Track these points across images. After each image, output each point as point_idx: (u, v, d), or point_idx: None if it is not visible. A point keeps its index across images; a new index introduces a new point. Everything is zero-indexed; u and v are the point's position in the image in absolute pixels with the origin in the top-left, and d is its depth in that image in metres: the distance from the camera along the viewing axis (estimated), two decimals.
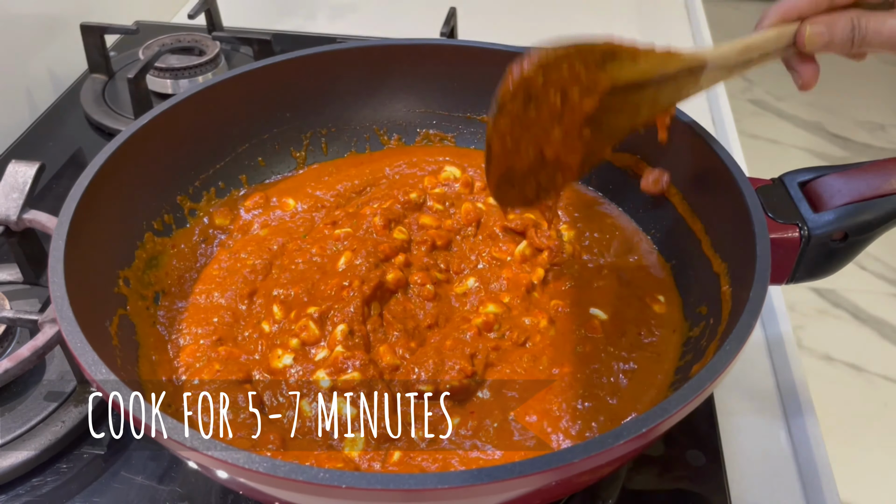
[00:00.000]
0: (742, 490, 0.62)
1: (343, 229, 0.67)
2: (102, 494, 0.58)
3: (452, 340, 0.58)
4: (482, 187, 0.73)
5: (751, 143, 2.50)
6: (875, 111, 2.70)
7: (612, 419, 0.53)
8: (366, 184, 0.74)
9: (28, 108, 1.03)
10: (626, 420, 0.42)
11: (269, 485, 0.40)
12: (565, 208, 0.71)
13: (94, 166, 0.57)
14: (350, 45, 0.75)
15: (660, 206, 0.68)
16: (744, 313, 0.47)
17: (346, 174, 0.75)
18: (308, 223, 0.70)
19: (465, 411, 0.54)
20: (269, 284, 0.63)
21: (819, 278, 0.58)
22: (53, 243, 0.51)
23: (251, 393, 0.54)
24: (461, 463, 0.51)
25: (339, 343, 0.57)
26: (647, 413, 0.41)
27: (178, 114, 0.66)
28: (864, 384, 1.79)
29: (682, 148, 0.63)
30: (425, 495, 0.38)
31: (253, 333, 0.60)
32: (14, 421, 0.60)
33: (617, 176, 0.72)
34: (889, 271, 2.08)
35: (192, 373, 0.57)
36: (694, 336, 0.58)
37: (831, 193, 0.56)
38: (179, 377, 0.57)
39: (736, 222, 0.55)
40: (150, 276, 0.63)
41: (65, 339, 0.46)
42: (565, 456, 0.39)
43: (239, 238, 0.69)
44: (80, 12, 1.09)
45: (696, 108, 1.09)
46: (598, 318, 0.61)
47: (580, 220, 0.70)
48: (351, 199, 0.73)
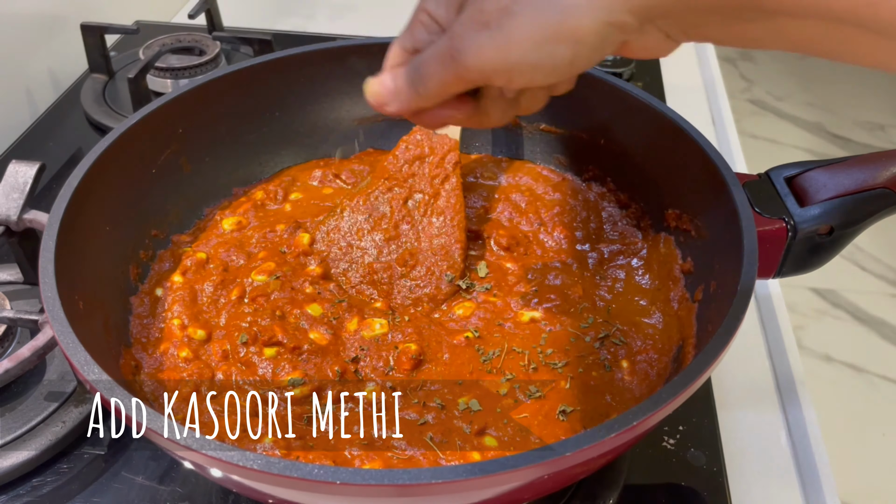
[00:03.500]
0: (742, 490, 0.62)
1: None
2: (103, 494, 0.58)
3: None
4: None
5: (750, 142, 2.50)
6: (875, 111, 2.70)
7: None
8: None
9: (28, 108, 1.03)
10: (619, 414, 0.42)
11: (263, 482, 0.40)
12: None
13: (83, 166, 0.57)
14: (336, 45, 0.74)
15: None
16: (732, 307, 0.47)
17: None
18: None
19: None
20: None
21: (805, 272, 0.58)
22: (44, 243, 0.51)
23: (252, 393, 0.54)
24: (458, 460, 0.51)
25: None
26: (639, 406, 0.41)
27: (172, 111, 0.66)
28: (864, 384, 1.79)
29: (669, 144, 0.63)
30: (419, 490, 0.38)
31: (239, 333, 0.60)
32: (14, 421, 0.60)
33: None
34: (889, 271, 2.08)
35: (178, 371, 0.57)
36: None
37: (817, 188, 0.56)
38: (173, 376, 0.57)
39: (723, 217, 0.56)
40: (147, 271, 0.63)
41: (57, 340, 0.46)
42: (558, 450, 0.39)
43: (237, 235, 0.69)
44: (81, 12, 1.09)
45: (695, 108, 1.10)
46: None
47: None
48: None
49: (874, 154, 0.57)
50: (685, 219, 0.63)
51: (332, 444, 0.52)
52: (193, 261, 0.65)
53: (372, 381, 0.56)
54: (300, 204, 0.73)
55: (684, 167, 0.62)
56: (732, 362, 0.72)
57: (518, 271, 0.65)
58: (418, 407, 0.55)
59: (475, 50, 0.38)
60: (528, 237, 0.69)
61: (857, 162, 0.57)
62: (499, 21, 0.37)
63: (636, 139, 0.68)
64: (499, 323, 0.61)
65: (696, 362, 0.44)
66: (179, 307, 0.61)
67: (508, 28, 0.37)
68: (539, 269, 0.65)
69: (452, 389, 0.55)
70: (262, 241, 0.68)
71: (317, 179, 0.75)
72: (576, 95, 0.70)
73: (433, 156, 0.68)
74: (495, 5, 0.37)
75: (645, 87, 1.07)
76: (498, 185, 0.74)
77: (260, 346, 0.58)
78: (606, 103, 0.69)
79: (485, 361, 0.58)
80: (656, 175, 0.67)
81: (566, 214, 0.71)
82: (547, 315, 0.61)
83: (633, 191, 0.70)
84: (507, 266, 0.66)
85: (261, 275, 0.63)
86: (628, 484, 0.60)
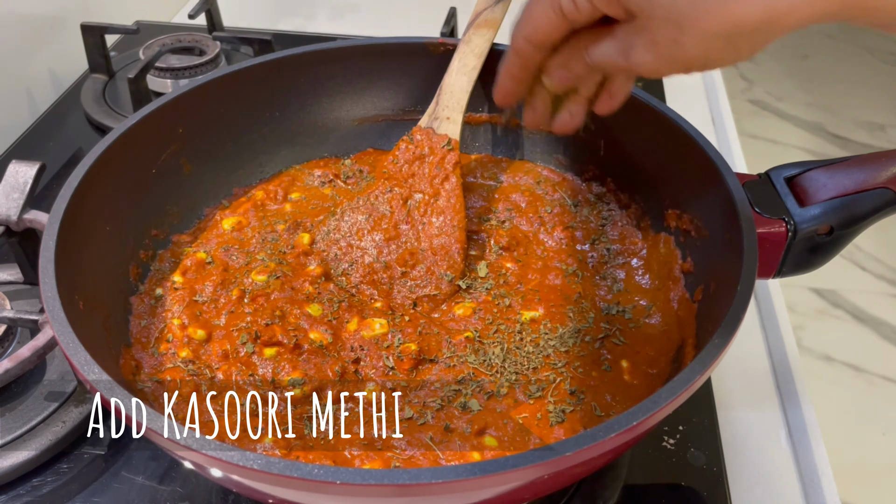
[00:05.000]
0: (742, 490, 0.62)
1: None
2: (103, 494, 0.58)
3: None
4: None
5: (750, 143, 2.50)
6: (875, 111, 2.70)
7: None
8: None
9: (28, 108, 1.03)
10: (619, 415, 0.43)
11: (263, 482, 0.40)
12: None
13: (83, 166, 0.57)
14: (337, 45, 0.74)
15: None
16: (732, 306, 0.47)
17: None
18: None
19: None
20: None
21: (805, 272, 0.58)
22: (44, 243, 0.51)
23: (252, 393, 0.54)
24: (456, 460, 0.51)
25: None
26: (639, 406, 0.41)
27: (172, 111, 0.66)
28: (864, 384, 1.79)
29: (669, 144, 0.63)
30: (419, 490, 0.38)
31: (238, 333, 0.60)
32: (14, 421, 0.60)
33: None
34: (889, 271, 2.08)
35: (178, 371, 0.57)
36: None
37: (817, 188, 0.56)
38: (173, 376, 0.57)
39: (723, 217, 0.56)
40: (147, 271, 0.63)
41: (57, 340, 0.46)
42: (558, 450, 0.39)
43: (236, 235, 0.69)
44: (81, 12, 1.09)
45: (695, 109, 1.10)
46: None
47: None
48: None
49: (874, 154, 0.57)
50: (685, 219, 0.63)
51: (332, 444, 0.52)
52: (193, 261, 0.65)
53: (372, 381, 0.56)
54: (300, 204, 0.73)
55: (684, 167, 0.62)
56: (732, 362, 0.72)
57: (518, 271, 0.65)
58: (418, 407, 0.55)
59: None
60: (528, 237, 0.69)
61: (857, 162, 0.57)
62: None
63: (636, 139, 0.68)
64: (499, 323, 0.61)
65: (696, 362, 0.44)
66: (179, 307, 0.61)
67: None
68: (539, 268, 0.65)
69: (452, 389, 0.56)
70: (262, 242, 0.68)
71: (317, 179, 0.75)
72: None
73: (433, 156, 0.67)
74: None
75: (645, 87, 1.07)
76: (498, 186, 0.74)
77: (260, 347, 0.58)
78: None
79: (485, 361, 0.58)
80: (656, 175, 0.67)
81: (566, 214, 0.71)
82: (547, 315, 0.61)
83: (633, 191, 0.70)
84: (507, 266, 0.66)
85: (261, 275, 0.63)
86: (628, 484, 0.60)
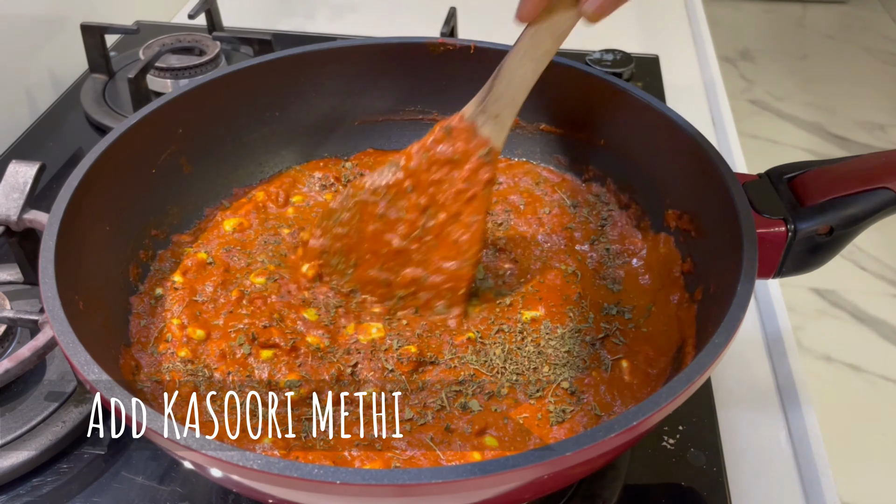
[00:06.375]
0: (742, 490, 0.62)
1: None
2: (103, 494, 0.58)
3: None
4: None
5: (750, 143, 2.50)
6: (875, 111, 2.70)
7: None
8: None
9: (28, 108, 1.03)
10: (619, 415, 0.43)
11: (263, 482, 0.40)
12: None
13: (83, 166, 0.57)
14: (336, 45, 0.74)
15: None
16: (731, 307, 0.47)
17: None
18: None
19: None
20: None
21: (805, 272, 0.58)
22: (44, 243, 0.51)
23: (252, 393, 0.54)
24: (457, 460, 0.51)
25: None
26: (639, 406, 0.41)
27: (172, 111, 0.66)
28: (864, 384, 1.78)
29: (669, 144, 0.63)
30: (419, 490, 0.38)
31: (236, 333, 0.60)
32: (14, 421, 0.60)
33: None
34: (889, 271, 2.08)
35: (178, 371, 0.57)
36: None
37: (817, 188, 0.56)
38: (173, 376, 0.57)
39: (723, 217, 0.56)
40: (147, 271, 0.63)
41: (57, 340, 0.46)
42: (558, 450, 0.39)
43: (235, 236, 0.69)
44: (80, 12, 1.09)
45: (695, 109, 1.10)
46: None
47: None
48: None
49: (874, 154, 0.57)
50: (685, 219, 0.63)
51: (332, 444, 0.52)
52: (194, 261, 0.65)
53: (371, 383, 0.56)
54: (301, 206, 0.73)
55: (684, 167, 0.62)
56: (732, 362, 0.72)
57: (518, 271, 0.65)
58: (418, 407, 0.55)
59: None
60: (527, 238, 0.69)
61: (857, 162, 0.57)
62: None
63: (636, 139, 0.68)
64: (499, 323, 0.61)
65: (696, 362, 0.44)
66: (179, 307, 0.61)
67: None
68: (538, 269, 0.65)
69: (452, 389, 0.56)
70: (262, 244, 0.68)
71: (317, 181, 0.75)
72: (575, 95, 0.71)
73: (466, 164, 0.59)
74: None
75: (645, 87, 1.07)
76: (497, 186, 0.74)
77: (257, 348, 0.58)
78: (606, 103, 0.69)
79: (486, 362, 0.58)
80: (656, 175, 0.67)
81: (566, 215, 0.71)
82: (547, 315, 0.61)
83: (633, 191, 0.70)
84: (507, 266, 0.66)
85: (260, 277, 0.63)
86: (628, 484, 0.60)
